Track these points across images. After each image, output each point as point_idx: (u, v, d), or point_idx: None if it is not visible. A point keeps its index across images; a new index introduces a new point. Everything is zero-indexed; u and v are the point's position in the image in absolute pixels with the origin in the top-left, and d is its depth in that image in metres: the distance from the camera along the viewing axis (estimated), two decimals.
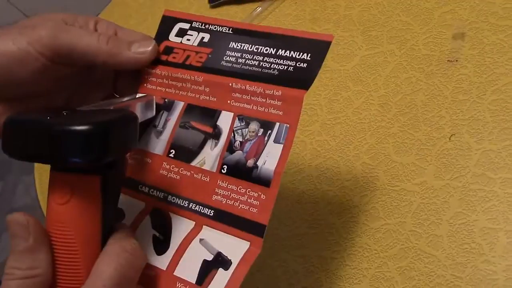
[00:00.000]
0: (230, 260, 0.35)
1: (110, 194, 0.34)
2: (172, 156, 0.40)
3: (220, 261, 0.35)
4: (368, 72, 0.55)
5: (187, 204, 0.38)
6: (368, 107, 0.53)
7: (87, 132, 0.30)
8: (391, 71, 0.54)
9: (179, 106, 0.40)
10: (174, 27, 0.42)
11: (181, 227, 0.38)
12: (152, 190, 0.40)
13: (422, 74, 0.52)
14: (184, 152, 0.39)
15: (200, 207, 0.37)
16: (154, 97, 0.41)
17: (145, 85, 0.42)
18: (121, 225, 0.36)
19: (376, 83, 0.54)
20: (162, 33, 0.42)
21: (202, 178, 0.38)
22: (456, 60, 0.51)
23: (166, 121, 0.41)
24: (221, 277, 0.35)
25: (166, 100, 0.41)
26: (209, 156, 0.38)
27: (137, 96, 0.41)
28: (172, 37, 0.42)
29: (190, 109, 0.40)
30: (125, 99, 0.40)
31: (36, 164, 0.72)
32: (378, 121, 0.52)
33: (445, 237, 0.44)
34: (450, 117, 0.48)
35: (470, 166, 0.45)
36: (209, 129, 0.39)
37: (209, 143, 0.39)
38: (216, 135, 0.38)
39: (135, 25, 0.80)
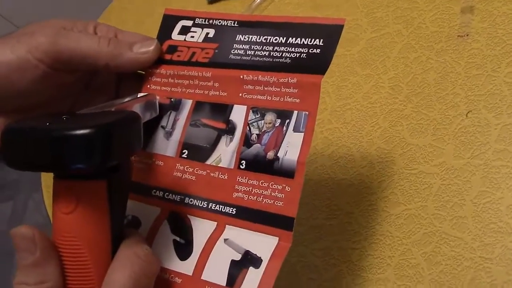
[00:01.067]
0: (260, 257, 0.33)
1: (118, 199, 0.32)
2: (185, 156, 0.38)
3: (249, 259, 0.33)
4: (376, 55, 0.53)
5: (206, 205, 0.36)
6: (378, 91, 0.51)
7: (88, 136, 0.29)
8: (399, 51, 0.52)
9: (188, 105, 0.39)
10: (177, 25, 0.41)
11: (203, 229, 0.36)
12: (167, 193, 0.38)
13: (432, 52, 0.50)
14: (198, 151, 0.37)
15: (221, 206, 0.36)
16: (156, 95, 0.39)
17: (148, 86, 0.40)
18: (131, 230, 0.34)
19: (385, 65, 0.52)
20: (164, 32, 0.41)
21: (220, 176, 0.36)
22: (467, 35, 0.49)
23: (175, 121, 0.39)
24: (253, 276, 0.33)
25: (172, 99, 0.39)
26: (225, 153, 0.36)
27: (138, 96, 0.39)
28: (175, 35, 0.41)
29: (200, 107, 0.38)
30: (126, 99, 0.38)
31: (43, 180, 0.71)
32: (390, 104, 0.50)
33: (470, 218, 0.41)
34: (465, 94, 0.46)
35: (491, 142, 0.43)
36: (222, 125, 0.37)
37: (224, 139, 0.37)
38: (230, 130, 0.37)
39: (133, 28, 0.78)
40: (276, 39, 0.37)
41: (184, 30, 0.40)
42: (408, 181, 0.45)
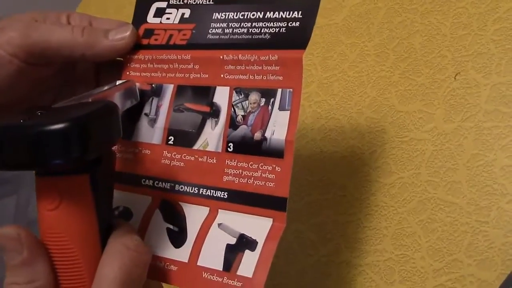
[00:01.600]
0: (255, 240, 0.33)
1: (102, 191, 0.32)
2: (172, 143, 0.37)
3: (244, 242, 0.33)
4: (359, 22, 0.52)
5: (197, 191, 0.36)
6: (364, 59, 0.50)
7: (64, 130, 0.28)
8: (383, 17, 0.50)
9: (169, 90, 0.38)
10: (151, 8, 0.39)
11: (196, 215, 0.35)
12: (157, 182, 0.37)
13: (417, 14, 0.49)
14: (184, 137, 0.37)
15: (212, 191, 0.35)
16: (136, 82, 0.38)
17: (127, 72, 0.39)
18: (120, 222, 0.34)
19: (370, 32, 0.51)
20: (139, 16, 0.40)
21: (208, 160, 0.35)
22: None
23: (157, 107, 0.38)
24: (249, 258, 0.32)
25: (153, 85, 0.38)
26: (212, 136, 0.36)
27: (117, 84, 0.38)
28: (151, 18, 0.39)
29: (182, 91, 0.37)
30: (105, 88, 0.37)
31: None
32: (377, 72, 0.49)
33: (464, 182, 0.41)
34: (452, 55, 0.45)
35: (481, 104, 0.42)
36: (206, 108, 0.36)
37: (209, 122, 0.36)
38: (215, 113, 0.36)
39: (114, 14, 0.77)
40: (253, 15, 0.36)
41: (159, 12, 0.39)
42: (400, 149, 0.44)
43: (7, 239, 0.29)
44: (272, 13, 0.35)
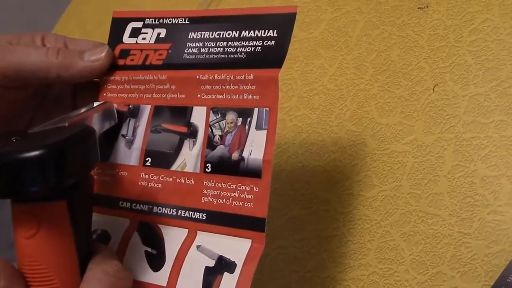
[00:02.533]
0: (234, 262, 0.32)
1: (81, 217, 0.31)
2: (149, 164, 0.37)
3: (223, 265, 0.33)
4: (338, 35, 0.52)
5: (175, 212, 0.35)
6: (343, 72, 0.50)
7: (40, 157, 0.27)
8: (361, 30, 0.51)
9: (146, 110, 0.37)
10: (127, 28, 0.39)
11: (174, 237, 0.35)
12: (135, 204, 0.37)
13: (394, 27, 0.49)
14: (162, 158, 0.36)
15: (190, 212, 0.35)
16: (113, 103, 0.38)
17: (104, 94, 0.39)
18: (99, 246, 0.33)
19: (348, 45, 0.51)
20: (115, 37, 0.39)
21: (186, 181, 0.35)
22: (427, 6, 0.48)
23: (135, 128, 0.38)
24: (228, 281, 0.32)
25: (130, 106, 0.38)
26: (190, 157, 0.35)
27: (94, 105, 0.38)
28: (126, 38, 0.39)
29: (159, 111, 0.37)
30: (82, 110, 0.37)
31: None
32: (356, 85, 0.49)
33: (446, 193, 0.41)
34: (430, 67, 0.45)
35: (460, 115, 0.43)
36: (183, 129, 0.36)
37: (187, 143, 0.36)
38: (192, 133, 0.36)
39: (93, 30, 0.76)
40: (229, 34, 0.35)
41: (135, 32, 0.39)
42: (381, 162, 0.44)
43: None
44: (247, 32, 0.35)
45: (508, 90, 0.42)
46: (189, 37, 0.37)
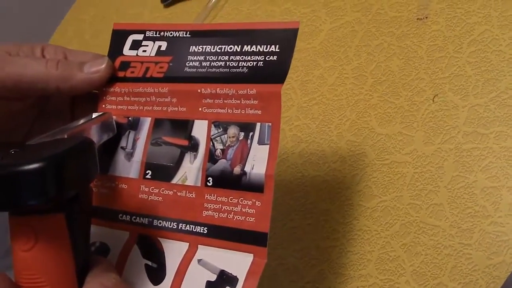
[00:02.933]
0: (236, 276, 0.32)
1: (79, 229, 0.31)
2: (150, 177, 0.36)
3: (225, 279, 0.32)
4: (337, 45, 0.52)
5: (176, 226, 0.35)
6: (343, 82, 0.50)
7: (39, 170, 0.27)
8: (360, 40, 0.51)
9: (146, 123, 0.37)
10: (127, 40, 0.39)
11: (174, 250, 0.35)
12: (135, 217, 0.36)
13: (393, 37, 0.49)
14: (162, 171, 0.36)
15: (191, 226, 0.34)
16: (112, 114, 0.38)
17: (103, 105, 0.38)
18: (98, 259, 0.32)
19: (347, 55, 0.51)
20: (115, 49, 0.39)
21: (187, 195, 0.35)
22: (426, 17, 0.48)
23: (134, 140, 0.37)
24: None
25: (130, 118, 0.38)
26: (190, 171, 0.35)
27: (93, 117, 0.38)
28: (127, 51, 0.39)
29: (159, 124, 0.37)
30: (81, 122, 0.36)
31: None
32: (355, 95, 0.49)
33: (446, 204, 0.41)
34: (430, 78, 0.46)
35: (460, 125, 0.43)
36: (184, 142, 0.36)
37: (187, 156, 0.35)
38: (193, 146, 0.35)
39: (91, 39, 0.76)
40: (231, 48, 0.35)
41: (135, 45, 0.39)
42: (381, 173, 0.44)
43: None
44: (249, 46, 0.35)
45: (508, 101, 0.42)
46: (190, 50, 0.37)
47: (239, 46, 0.35)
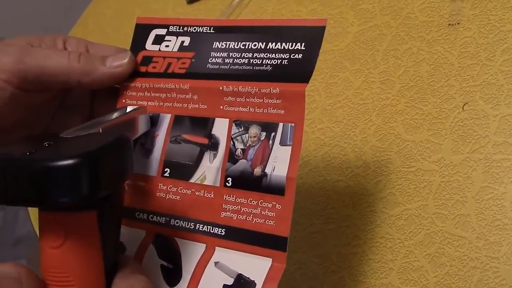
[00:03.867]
0: (254, 281, 0.31)
1: (110, 229, 0.30)
2: (168, 175, 0.36)
3: (242, 284, 0.31)
4: (364, 48, 0.51)
5: (193, 226, 0.34)
6: (369, 86, 0.49)
7: (74, 166, 0.26)
8: (388, 44, 0.50)
9: (166, 119, 0.37)
10: (150, 35, 0.38)
11: (191, 252, 0.34)
12: (152, 215, 0.36)
13: (423, 42, 0.48)
14: (181, 169, 0.35)
15: (209, 227, 0.34)
16: (147, 108, 0.37)
17: (123, 100, 0.38)
18: (126, 259, 0.31)
19: (375, 59, 0.50)
20: (138, 43, 0.38)
21: (206, 195, 0.34)
22: (458, 23, 0.47)
23: (153, 137, 0.37)
24: None
25: (150, 114, 0.37)
26: (209, 170, 0.34)
27: (127, 111, 0.37)
28: (149, 45, 0.38)
29: (179, 121, 0.36)
30: (114, 115, 0.35)
31: None
32: (382, 100, 0.48)
33: (473, 215, 0.40)
34: (460, 85, 0.45)
35: (490, 135, 0.42)
36: (204, 140, 0.35)
37: (207, 155, 0.35)
38: (213, 145, 0.34)
39: (112, 33, 0.76)
40: (255, 45, 0.34)
41: (158, 40, 0.38)
42: (406, 180, 0.43)
43: (6, 279, 0.27)
44: (274, 44, 0.34)
45: None
46: (213, 46, 0.36)
47: (264, 43, 0.34)
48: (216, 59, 0.35)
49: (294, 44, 0.33)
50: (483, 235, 0.39)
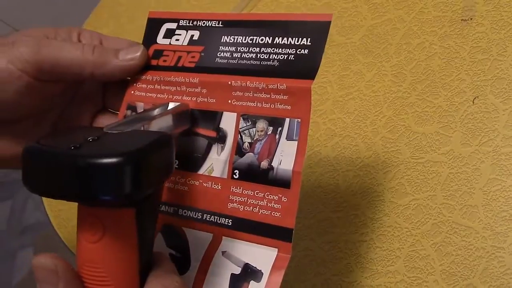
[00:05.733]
0: (260, 270, 0.32)
1: (147, 226, 0.30)
2: (177, 166, 0.36)
3: (249, 273, 0.32)
4: (377, 42, 0.52)
5: (201, 216, 0.35)
6: (381, 79, 0.50)
7: (119, 165, 0.26)
8: (401, 38, 0.51)
9: None
10: (161, 29, 0.39)
11: (199, 241, 0.35)
12: (160, 205, 0.36)
13: (436, 37, 0.49)
14: (189, 161, 0.36)
15: (216, 217, 0.34)
16: (189, 105, 0.37)
17: (132, 92, 0.39)
18: (160, 258, 0.31)
19: (387, 53, 0.51)
20: (150, 37, 0.39)
21: (213, 186, 0.35)
22: (471, 19, 0.47)
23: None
24: None
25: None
26: (217, 162, 0.35)
27: (169, 108, 0.37)
28: (160, 39, 0.39)
29: None
30: (155, 112, 0.36)
31: None
32: (393, 92, 0.48)
33: (480, 206, 0.40)
34: (471, 79, 0.45)
35: (499, 128, 0.42)
36: (212, 133, 0.36)
37: (215, 148, 0.35)
38: (221, 138, 0.35)
39: (126, 23, 0.77)
40: (262, 39, 0.35)
41: (169, 33, 0.39)
42: (415, 171, 0.44)
43: (43, 271, 0.27)
44: (281, 38, 0.34)
45: None
46: (222, 40, 0.37)
47: (271, 38, 0.35)
48: (225, 53, 0.36)
49: (300, 39, 0.34)
50: (490, 225, 0.40)
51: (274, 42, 0.35)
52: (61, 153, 0.27)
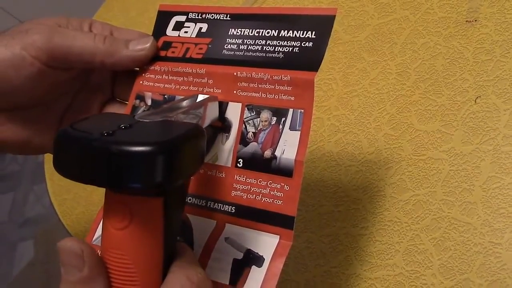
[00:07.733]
0: (262, 256, 0.33)
1: (173, 216, 0.30)
2: None
3: (251, 258, 0.33)
4: (383, 41, 0.53)
5: (204, 203, 0.36)
6: (385, 77, 0.51)
7: (152, 154, 0.26)
8: (406, 37, 0.51)
9: None
10: (171, 21, 0.40)
11: (202, 227, 0.35)
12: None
13: (440, 37, 0.50)
14: None
15: (219, 204, 0.35)
16: (218, 97, 0.37)
17: (141, 82, 0.40)
18: (184, 248, 0.31)
19: (392, 51, 0.51)
20: (159, 29, 0.41)
21: (217, 174, 0.36)
22: (475, 20, 0.48)
23: None
24: (256, 274, 0.32)
25: (166, 96, 0.39)
26: (222, 151, 0.36)
27: (199, 99, 0.37)
28: (169, 31, 0.40)
29: None
30: (185, 103, 0.36)
31: (46, 172, 0.70)
32: (397, 90, 0.49)
33: (479, 203, 0.41)
34: (474, 79, 0.46)
35: (500, 128, 0.43)
36: (217, 123, 0.37)
37: (220, 137, 0.36)
38: (226, 128, 0.36)
39: (136, 16, 0.78)
40: (268, 32, 0.36)
41: (178, 26, 0.40)
42: (416, 167, 0.45)
43: (69, 254, 0.27)
44: (286, 31, 0.35)
45: None
46: (229, 33, 0.38)
47: (276, 31, 0.36)
48: (232, 45, 0.37)
49: (305, 32, 0.35)
50: (488, 222, 0.40)
51: (280, 35, 0.35)
52: (94, 139, 0.27)
